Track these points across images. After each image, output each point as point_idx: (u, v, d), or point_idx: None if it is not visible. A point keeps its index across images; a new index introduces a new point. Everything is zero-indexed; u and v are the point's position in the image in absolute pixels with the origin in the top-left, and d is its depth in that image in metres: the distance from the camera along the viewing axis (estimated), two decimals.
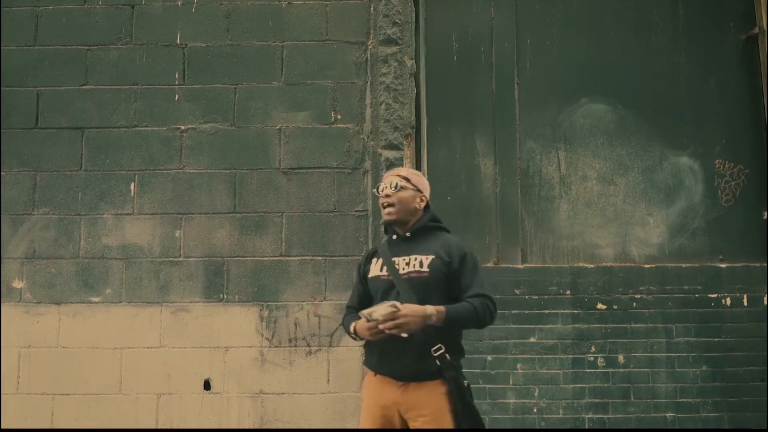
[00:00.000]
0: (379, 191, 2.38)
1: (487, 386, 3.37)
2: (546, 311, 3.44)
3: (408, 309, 2.08)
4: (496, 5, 3.76)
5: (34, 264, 3.36)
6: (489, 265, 3.52)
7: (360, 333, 2.23)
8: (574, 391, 3.37)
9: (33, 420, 3.24)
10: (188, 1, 3.54)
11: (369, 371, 2.30)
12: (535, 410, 3.36)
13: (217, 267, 3.34)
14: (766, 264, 3.48)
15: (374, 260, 2.38)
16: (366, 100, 3.44)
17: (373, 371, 2.28)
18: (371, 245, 3.21)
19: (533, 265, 3.52)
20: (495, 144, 3.65)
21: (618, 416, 3.35)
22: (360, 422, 2.33)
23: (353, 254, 3.27)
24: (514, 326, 3.42)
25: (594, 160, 3.64)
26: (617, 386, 3.38)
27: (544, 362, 3.40)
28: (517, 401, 3.36)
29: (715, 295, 3.45)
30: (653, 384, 3.38)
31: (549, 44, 3.72)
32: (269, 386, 3.25)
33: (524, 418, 3.35)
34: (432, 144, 3.64)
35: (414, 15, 3.54)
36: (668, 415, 3.35)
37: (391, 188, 2.32)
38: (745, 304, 3.43)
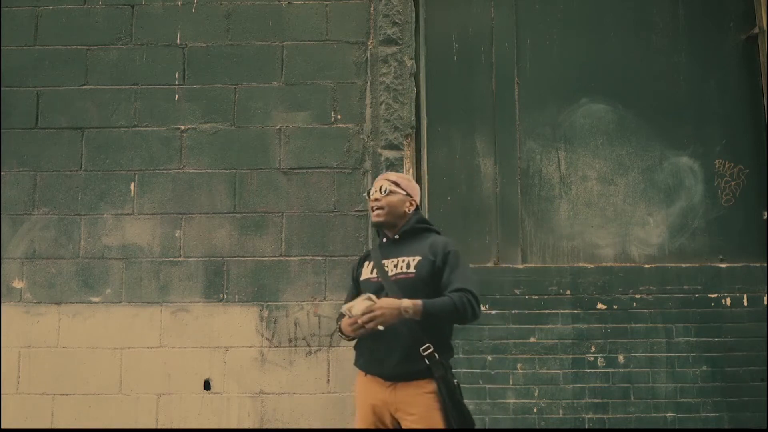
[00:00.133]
0: (369, 195, 2.43)
1: (487, 386, 3.37)
2: (546, 311, 3.44)
3: (383, 302, 2.12)
4: (496, 5, 3.76)
5: (34, 264, 3.36)
6: (489, 265, 3.52)
7: (344, 330, 2.28)
8: (574, 391, 3.37)
9: (33, 420, 3.24)
10: (188, 1, 3.54)
11: (359, 372, 2.33)
12: (535, 410, 3.36)
13: (217, 267, 3.35)
14: (766, 264, 3.48)
15: (366, 263, 2.44)
16: (366, 100, 3.44)
17: (363, 372, 2.31)
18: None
19: (533, 265, 3.52)
20: (495, 144, 3.65)
21: (618, 416, 3.35)
22: (355, 422, 2.35)
23: (353, 254, 3.27)
24: (514, 326, 3.42)
25: (594, 160, 3.64)
26: (617, 386, 3.38)
27: (544, 362, 3.40)
28: (517, 401, 3.36)
29: (715, 295, 3.45)
30: (653, 384, 3.38)
31: (549, 44, 3.72)
32: (269, 386, 3.25)
33: (524, 418, 3.35)
34: (432, 144, 3.64)
35: (414, 15, 3.54)
36: (668, 415, 3.35)
37: (380, 192, 2.37)
38: (745, 304, 3.44)
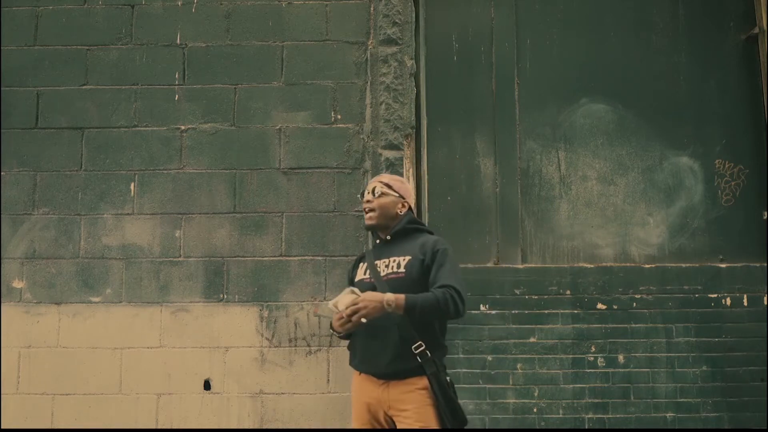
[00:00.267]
0: (362, 197, 2.47)
1: (487, 386, 3.37)
2: (546, 311, 3.43)
3: (367, 295, 2.18)
4: (496, 5, 3.76)
5: (34, 264, 3.36)
6: (489, 265, 3.52)
7: (334, 327, 2.32)
8: (574, 391, 3.37)
9: (33, 420, 3.24)
10: (188, 1, 3.54)
11: (354, 371, 2.37)
12: (535, 410, 3.36)
13: (217, 267, 3.35)
14: (766, 264, 3.48)
15: (361, 265, 2.49)
16: (366, 100, 3.44)
17: (357, 371, 2.35)
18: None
19: (533, 265, 3.52)
20: (495, 144, 3.65)
21: (618, 416, 3.35)
22: (351, 421, 2.40)
23: (353, 254, 3.27)
24: (514, 326, 3.42)
25: (594, 160, 3.64)
26: (617, 386, 3.38)
27: (544, 362, 3.40)
28: (517, 401, 3.36)
29: (715, 295, 3.45)
30: (653, 384, 3.38)
31: (549, 44, 3.72)
32: (269, 386, 3.25)
33: (524, 418, 3.35)
34: (432, 144, 3.64)
35: (414, 15, 3.54)
36: (668, 415, 3.35)
37: (372, 194, 2.42)
38: (745, 304, 3.43)
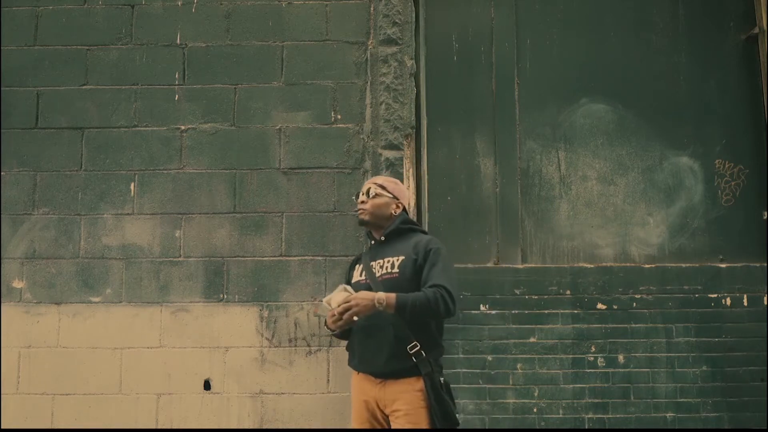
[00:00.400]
0: (357, 198, 2.53)
1: (487, 386, 3.37)
2: (546, 311, 3.43)
3: (359, 294, 2.24)
4: (496, 5, 3.76)
5: (34, 264, 3.36)
6: (489, 265, 3.52)
7: (328, 324, 2.37)
8: (574, 391, 3.37)
9: (33, 420, 3.24)
10: (188, 1, 3.54)
11: (353, 371, 2.44)
12: (535, 410, 3.36)
13: (217, 267, 3.35)
14: (766, 264, 3.48)
15: (357, 266, 2.54)
16: (366, 100, 3.44)
17: (356, 371, 2.42)
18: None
19: (533, 265, 3.52)
20: (495, 144, 3.65)
21: (618, 416, 3.35)
22: (351, 420, 2.46)
23: (353, 254, 3.27)
24: (514, 326, 3.42)
25: (594, 160, 3.64)
26: (617, 386, 3.38)
27: (544, 362, 3.40)
28: (517, 401, 3.36)
29: (715, 295, 3.45)
30: (653, 384, 3.38)
31: (549, 44, 3.72)
32: (269, 386, 3.25)
33: (524, 418, 3.35)
34: (432, 144, 3.63)
35: (414, 15, 3.54)
36: (668, 415, 3.35)
37: (366, 195, 2.49)
38: (745, 304, 3.43)
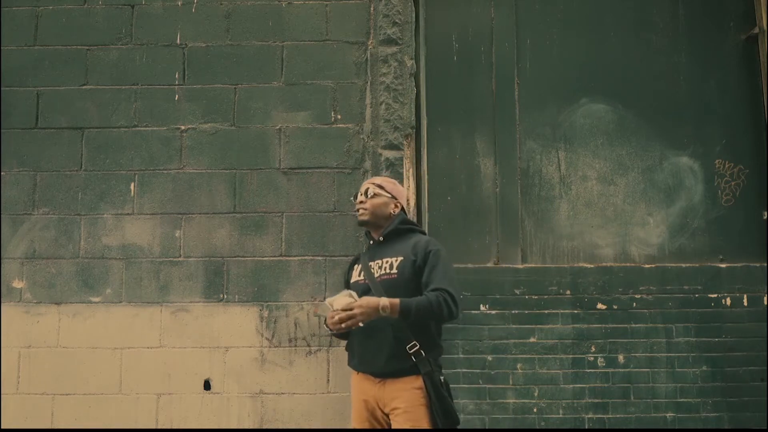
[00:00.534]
0: (355, 199, 2.54)
1: (487, 386, 3.37)
2: (546, 311, 3.43)
3: (362, 301, 2.22)
4: (496, 5, 3.76)
5: (34, 264, 3.36)
6: (489, 265, 3.52)
7: (328, 324, 2.36)
8: (574, 391, 3.37)
9: (33, 420, 3.24)
10: (188, 1, 3.54)
11: (353, 371, 2.45)
12: (535, 410, 3.36)
13: (217, 267, 3.34)
14: (766, 264, 3.48)
15: (356, 266, 2.55)
16: (366, 100, 3.44)
17: (356, 370, 2.43)
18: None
19: (533, 265, 3.52)
20: (495, 144, 3.65)
21: (618, 416, 3.35)
22: (351, 420, 2.47)
23: (353, 254, 3.26)
24: (514, 326, 3.42)
25: (594, 160, 3.64)
26: (617, 386, 3.38)
27: (544, 362, 3.40)
28: (517, 401, 3.36)
29: (715, 295, 3.45)
30: (653, 384, 3.38)
31: (549, 44, 3.72)
32: (269, 386, 3.25)
33: (524, 418, 3.35)
34: (432, 144, 3.63)
35: (414, 15, 3.54)
36: (668, 415, 3.35)
37: (365, 195, 2.50)
38: (745, 304, 3.43)
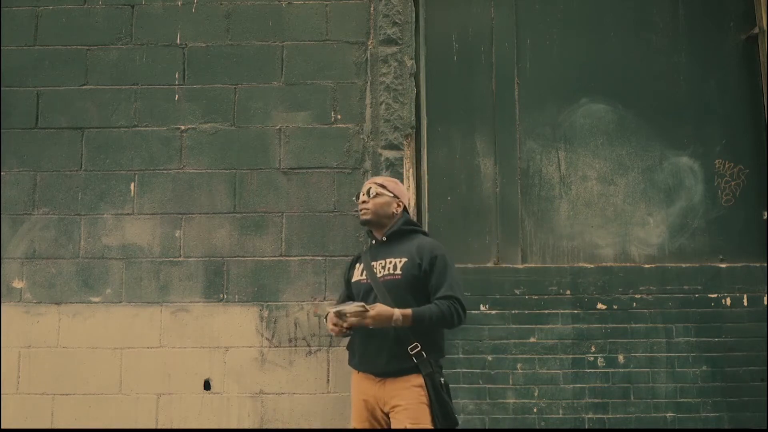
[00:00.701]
0: (357, 199, 2.53)
1: (487, 386, 3.37)
2: (546, 311, 3.43)
3: (375, 311, 2.20)
4: (496, 5, 3.76)
5: (34, 264, 3.36)
6: (489, 265, 3.52)
7: (329, 325, 2.37)
8: (574, 391, 3.37)
9: (33, 420, 3.24)
10: (188, 1, 3.54)
11: (353, 370, 2.45)
12: (535, 410, 3.36)
13: (217, 267, 3.34)
14: (766, 264, 3.48)
15: (357, 265, 2.54)
16: (366, 100, 3.44)
17: (356, 370, 2.43)
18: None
19: (533, 265, 3.52)
20: (495, 144, 3.65)
21: (618, 416, 3.35)
22: (351, 419, 2.47)
23: (353, 254, 3.26)
24: (514, 326, 3.42)
25: (594, 160, 3.64)
26: (617, 386, 3.38)
27: (544, 362, 3.40)
28: (517, 401, 3.36)
29: (715, 295, 3.45)
30: (653, 384, 3.38)
31: (549, 44, 3.72)
32: (269, 386, 3.25)
33: (524, 418, 3.35)
34: (432, 144, 3.63)
35: (414, 15, 3.54)
36: (668, 415, 3.35)
37: (367, 195, 2.49)
38: (745, 304, 3.43)
